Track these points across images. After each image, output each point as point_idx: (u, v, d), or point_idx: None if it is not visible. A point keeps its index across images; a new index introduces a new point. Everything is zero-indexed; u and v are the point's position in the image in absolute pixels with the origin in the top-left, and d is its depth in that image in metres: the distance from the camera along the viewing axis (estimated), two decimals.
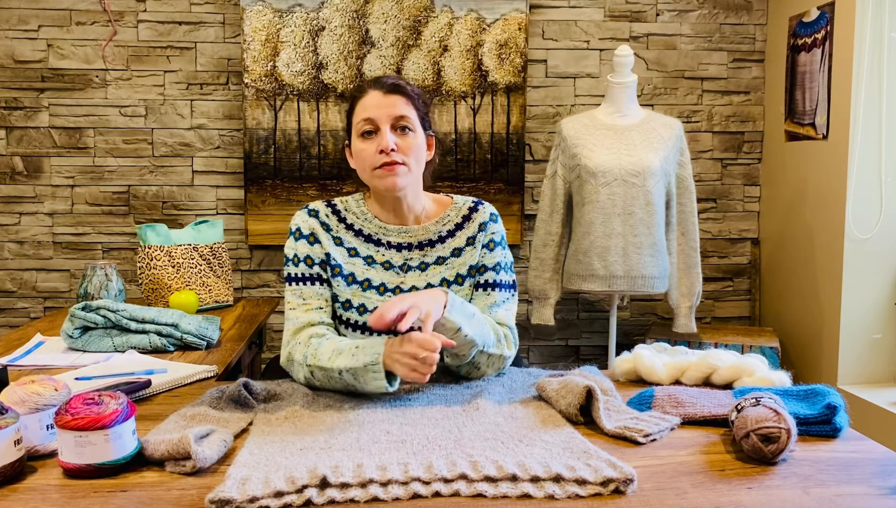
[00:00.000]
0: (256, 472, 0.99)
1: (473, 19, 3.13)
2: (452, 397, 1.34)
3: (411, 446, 1.09)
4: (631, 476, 0.96)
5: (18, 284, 3.19)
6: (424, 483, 0.96)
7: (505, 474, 0.97)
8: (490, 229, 1.55)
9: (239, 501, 0.91)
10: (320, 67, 3.10)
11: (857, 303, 2.77)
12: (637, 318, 3.42)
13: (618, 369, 1.47)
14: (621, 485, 0.95)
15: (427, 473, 0.98)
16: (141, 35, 3.11)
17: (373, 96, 1.47)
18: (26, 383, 1.09)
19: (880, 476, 1.01)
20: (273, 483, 0.94)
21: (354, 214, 1.55)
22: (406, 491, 0.94)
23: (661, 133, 2.66)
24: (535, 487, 0.96)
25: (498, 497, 0.94)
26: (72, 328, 1.81)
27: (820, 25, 2.89)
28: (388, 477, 0.96)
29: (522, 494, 0.94)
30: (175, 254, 2.41)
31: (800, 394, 1.24)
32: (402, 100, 1.47)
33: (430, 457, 1.03)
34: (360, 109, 1.48)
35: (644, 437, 1.13)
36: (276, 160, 3.13)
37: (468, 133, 3.17)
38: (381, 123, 1.45)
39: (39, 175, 3.14)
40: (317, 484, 0.94)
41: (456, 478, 0.97)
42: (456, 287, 1.53)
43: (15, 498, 0.95)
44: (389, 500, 0.93)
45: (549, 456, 1.04)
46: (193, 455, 1.00)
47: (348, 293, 1.49)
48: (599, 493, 0.95)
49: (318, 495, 0.93)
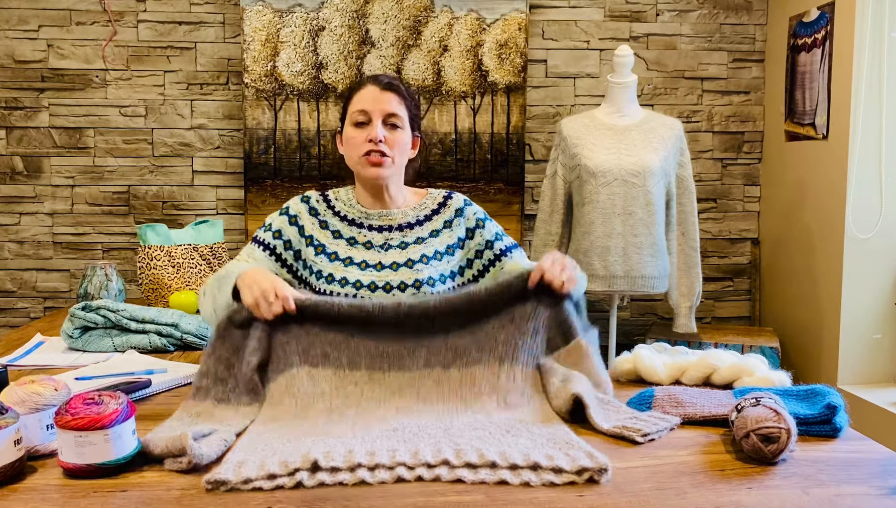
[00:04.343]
0: (253, 456, 1.04)
1: (473, 19, 3.13)
2: (449, 386, 1.32)
3: (402, 433, 1.13)
4: (605, 465, 1.00)
5: (18, 284, 3.19)
6: (409, 469, 1.01)
7: (485, 461, 1.02)
8: (468, 212, 1.68)
9: (234, 482, 0.96)
10: (320, 66, 3.10)
11: (857, 303, 2.77)
12: (637, 318, 3.42)
13: (618, 369, 1.47)
14: (595, 474, 0.99)
15: (413, 459, 1.03)
16: (141, 35, 3.11)
17: (369, 90, 1.59)
18: (26, 383, 1.09)
19: (880, 476, 1.01)
20: (267, 467, 0.99)
21: (342, 201, 1.68)
22: (391, 475, 1.00)
23: (661, 133, 2.66)
24: (513, 474, 1.00)
25: (476, 482, 0.99)
26: (72, 328, 1.81)
27: (820, 25, 2.89)
28: (376, 462, 1.01)
29: (499, 480, 0.99)
30: (175, 254, 2.41)
31: (800, 394, 1.24)
32: (396, 98, 1.59)
33: (418, 444, 1.08)
34: (357, 100, 1.60)
35: (642, 437, 1.13)
36: (276, 160, 3.13)
37: (468, 133, 3.17)
38: (374, 117, 1.57)
39: (39, 175, 3.14)
40: (308, 468, 0.99)
41: (439, 464, 1.02)
42: (449, 258, 1.63)
43: (15, 498, 0.95)
44: (375, 483, 0.98)
45: (532, 447, 1.08)
46: (189, 451, 1.01)
47: (331, 268, 1.60)
48: (574, 481, 0.98)
49: (308, 478, 0.98)
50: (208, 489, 0.97)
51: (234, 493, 0.95)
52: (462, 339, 1.35)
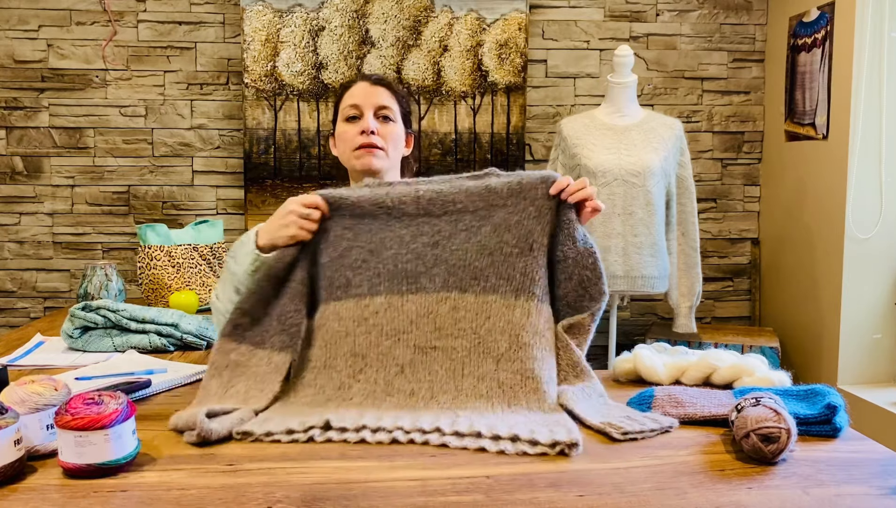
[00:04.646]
0: (279, 416, 1.19)
1: (473, 19, 3.13)
2: (465, 313, 1.32)
3: (416, 401, 1.24)
4: (576, 440, 1.06)
5: (18, 284, 3.19)
6: (406, 433, 1.12)
7: (472, 430, 1.11)
8: None
9: (257, 434, 1.13)
10: (320, 66, 3.10)
11: (857, 303, 2.77)
12: (637, 318, 3.42)
13: (618, 369, 1.47)
14: (566, 448, 1.06)
15: (411, 425, 1.14)
16: (141, 35, 3.11)
17: (360, 86, 1.62)
18: (26, 383, 1.09)
19: (880, 476, 1.01)
20: (287, 424, 1.15)
21: None
22: (388, 437, 1.12)
23: (661, 133, 2.66)
24: (493, 443, 1.09)
25: (458, 448, 1.09)
26: (72, 327, 1.81)
27: (820, 25, 2.89)
28: (378, 425, 1.14)
29: (479, 448, 1.08)
30: (175, 254, 2.42)
31: (800, 394, 1.24)
32: (387, 92, 1.62)
33: (422, 412, 1.20)
34: (348, 96, 1.62)
35: (622, 434, 1.13)
36: (276, 160, 3.13)
37: (468, 133, 3.17)
38: (365, 110, 1.59)
39: (39, 175, 3.14)
40: (321, 426, 1.14)
41: (432, 431, 1.12)
42: None
43: (15, 498, 0.95)
44: (373, 443, 1.11)
45: (523, 422, 1.15)
46: (198, 425, 1.11)
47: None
48: (546, 453, 1.06)
49: (319, 435, 1.13)
50: (237, 439, 1.12)
51: (234, 493, 0.95)
52: (480, 260, 1.33)
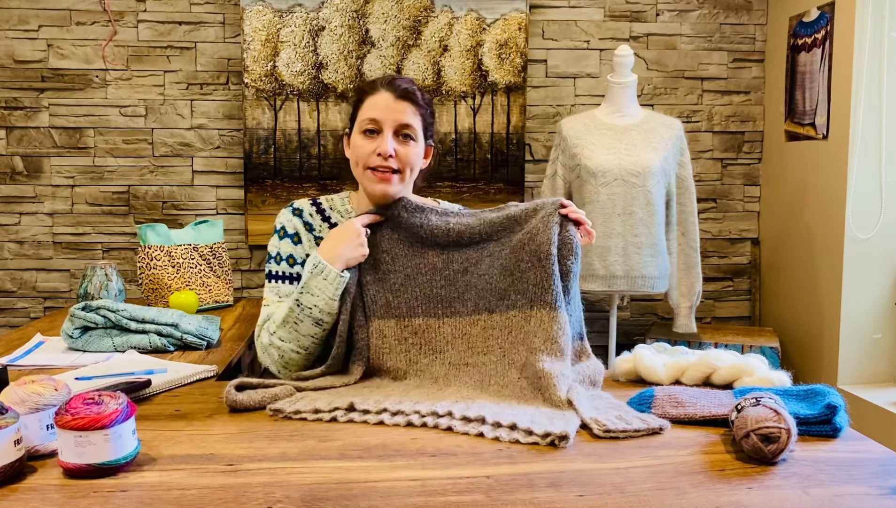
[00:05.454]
0: (311, 398, 1.29)
1: (473, 19, 3.13)
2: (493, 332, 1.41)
3: (442, 391, 1.33)
4: (565, 433, 1.10)
5: (18, 284, 3.19)
6: (421, 416, 1.21)
7: (478, 416, 1.18)
8: None
9: (287, 412, 1.24)
10: (320, 66, 3.10)
11: (857, 303, 2.77)
12: (637, 318, 3.42)
13: (618, 369, 1.47)
14: (556, 440, 1.10)
15: (427, 409, 1.22)
16: (141, 35, 3.11)
17: (383, 97, 1.47)
18: (26, 383, 1.09)
19: (880, 476, 1.01)
20: (315, 404, 1.25)
21: (339, 212, 1.58)
22: (404, 420, 1.20)
23: (661, 133, 2.66)
24: (492, 429, 1.15)
25: (460, 433, 1.16)
26: (72, 327, 1.81)
27: (820, 25, 2.89)
28: (397, 409, 1.23)
29: (478, 433, 1.15)
30: (175, 254, 2.41)
31: (800, 394, 1.24)
32: (411, 108, 1.48)
33: (440, 400, 1.27)
34: (369, 106, 1.48)
35: (603, 432, 1.14)
36: (276, 160, 3.13)
37: (468, 133, 3.17)
38: (385, 127, 1.46)
39: (39, 175, 3.14)
40: (346, 408, 1.24)
41: (445, 415, 1.20)
42: None
43: (15, 498, 0.95)
44: (391, 425, 1.20)
45: (528, 415, 1.19)
46: (226, 395, 1.27)
47: None
48: (537, 443, 1.10)
49: (342, 415, 1.23)
50: (270, 415, 1.24)
51: (234, 493, 0.96)
52: (503, 280, 1.42)
